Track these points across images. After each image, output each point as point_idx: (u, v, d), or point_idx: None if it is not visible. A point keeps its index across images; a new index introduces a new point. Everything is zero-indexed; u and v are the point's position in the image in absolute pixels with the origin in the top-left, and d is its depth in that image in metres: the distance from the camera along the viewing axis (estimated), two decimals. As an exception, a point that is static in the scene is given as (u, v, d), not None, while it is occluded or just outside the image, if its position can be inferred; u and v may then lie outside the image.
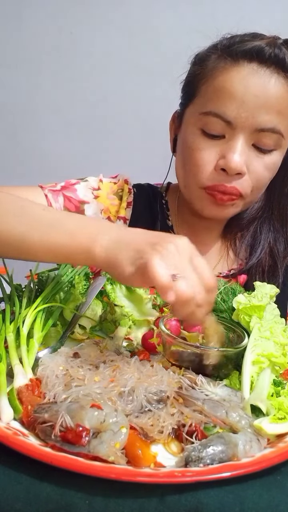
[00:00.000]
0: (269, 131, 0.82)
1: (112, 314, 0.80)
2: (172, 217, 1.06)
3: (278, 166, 0.90)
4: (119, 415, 0.51)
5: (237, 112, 0.81)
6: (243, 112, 0.80)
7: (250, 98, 0.80)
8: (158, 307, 0.82)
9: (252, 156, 0.85)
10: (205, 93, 0.85)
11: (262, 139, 0.83)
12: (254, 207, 1.02)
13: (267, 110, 0.80)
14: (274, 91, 0.80)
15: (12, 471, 0.46)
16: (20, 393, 0.56)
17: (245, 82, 0.80)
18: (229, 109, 0.81)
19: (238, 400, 0.59)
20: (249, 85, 0.80)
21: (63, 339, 0.73)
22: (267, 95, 0.80)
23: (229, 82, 0.81)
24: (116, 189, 1.03)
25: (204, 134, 0.85)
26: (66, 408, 0.50)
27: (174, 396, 0.56)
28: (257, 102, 0.80)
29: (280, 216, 1.02)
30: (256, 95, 0.80)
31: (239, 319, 0.73)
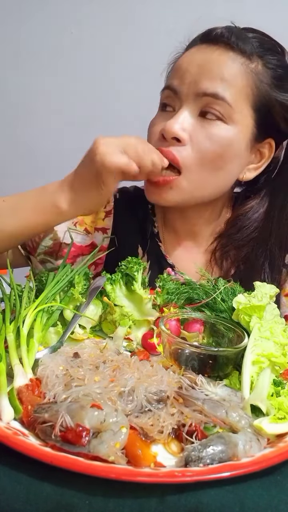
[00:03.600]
0: (212, 96, 0.81)
1: (112, 314, 0.80)
2: (159, 223, 1.04)
3: (230, 143, 0.84)
4: (119, 415, 0.51)
5: (181, 80, 0.85)
6: (186, 78, 0.84)
7: (193, 67, 0.84)
8: (158, 307, 0.82)
9: (197, 125, 0.83)
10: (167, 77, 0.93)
11: (207, 106, 0.82)
12: (249, 228, 0.97)
13: (209, 76, 0.82)
14: (217, 59, 0.83)
15: (12, 471, 0.46)
16: (20, 393, 0.56)
17: (190, 56, 0.86)
18: (176, 79, 0.86)
19: (238, 400, 0.59)
20: (194, 57, 0.85)
21: (63, 339, 0.73)
22: (209, 62, 0.83)
23: (180, 60, 0.89)
24: None
25: (161, 109, 0.90)
26: (66, 408, 0.50)
27: (174, 396, 0.56)
28: (199, 70, 0.83)
29: (278, 242, 0.96)
30: (199, 64, 0.84)
31: (239, 319, 0.73)
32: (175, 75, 0.87)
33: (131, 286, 0.80)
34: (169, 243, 1.03)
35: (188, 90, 0.83)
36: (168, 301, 0.83)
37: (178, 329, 0.76)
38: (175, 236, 1.03)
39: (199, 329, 0.75)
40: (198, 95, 0.82)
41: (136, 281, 0.80)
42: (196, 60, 0.84)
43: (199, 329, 0.75)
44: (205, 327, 0.75)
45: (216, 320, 0.75)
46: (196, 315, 0.76)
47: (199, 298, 0.82)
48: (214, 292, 0.80)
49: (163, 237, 1.03)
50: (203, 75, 0.82)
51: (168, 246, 1.02)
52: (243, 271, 0.98)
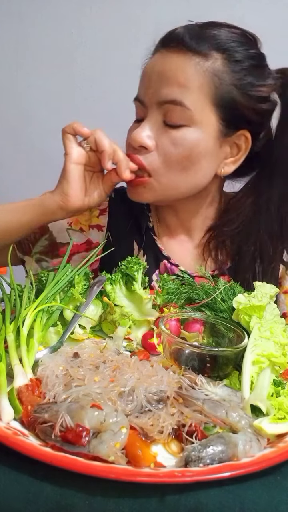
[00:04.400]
0: (171, 103, 0.83)
1: (112, 314, 0.80)
2: (153, 218, 1.06)
3: (194, 144, 0.85)
4: (119, 415, 0.51)
5: (145, 90, 0.88)
6: (149, 88, 0.87)
7: (154, 76, 0.86)
8: (158, 307, 0.82)
9: (162, 132, 0.86)
10: None
11: (168, 113, 0.84)
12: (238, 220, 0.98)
13: (168, 83, 0.84)
14: (174, 65, 0.84)
15: (12, 471, 0.46)
16: (20, 393, 0.56)
17: (152, 63, 0.88)
18: (141, 90, 0.90)
19: (238, 400, 0.59)
20: (155, 65, 0.87)
21: (63, 339, 0.73)
22: (166, 70, 0.84)
23: (144, 69, 0.90)
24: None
25: (134, 121, 0.93)
26: (66, 408, 0.50)
27: (174, 396, 0.56)
28: (159, 78, 0.85)
29: (268, 232, 0.97)
30: (158, 71, 0.85)
31: (239, 319, 0.73)
32: (141, 85, 0.90)
33: (131, 286, 0.80)
34: (164, 237, 1.05)
35: (150, 100, 0.86)
36: (168, 301, 0.83)
37: (178, 329, 0.76)
38: (169, 230, 1.05)
39: (199, 329, 0.75)
40: (160, 103, 0.85)
41: (136, 281, 0.80)
42: (156, 67, 0.87)
43: (199, 329, 0.75)
44: (205, 327, 0.75)
45: (216, 320, 0.75)
46: (196, 315, 0.76)
47: (199, 298, 0.82)
48: (214, 292, 0.80)
49: (158, 232, 1.05)
50: (162, 83, 0.84)
51: (163, 239, 1.05)
52: (237, 262, 1.00)
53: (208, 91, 0.84)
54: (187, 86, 0.83)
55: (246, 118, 0.88)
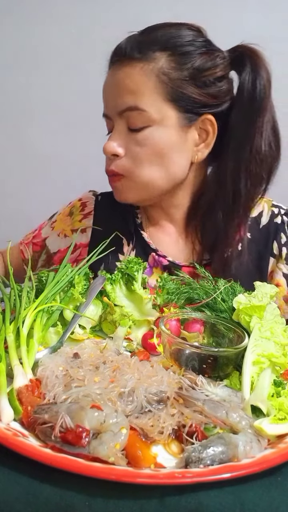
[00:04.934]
0: (127, 110, 0.90)
1: (112, 314, 0.80)
2: (141, 215, 1.12)
3: (159, 141, 0.91)
4: (119, 416, 0.51)
5: (106, 105, 0.96)
6: (107, 103, 0.95)
7: (108, 91, 0.94)
8: (158, 307, 0.82)
9: (128, 138, 0.93)
10: None
11: (129, 120, 0.91)
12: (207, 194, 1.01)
13: (119, 94, 0.90)
14: (121, 76, 0.90)
15: (12, 472, 0.46)
16: (20, 394, 0.55)
17: (107, 81, 0.95)
18: (104, 106, 0.97)
19: (239, 400, 0.59)
20: (107, 81, 0.95)
21: (63, 339, 0.73)
22: (117, 82, 0.91)
23: (103, 86, 0.97)
24: (68, 211, 1.16)
25: (107, 134, 0.99)
26: (66, 409, 0.50)
27: (174, 396, 0.56)
28: (112, 91, 0.92)
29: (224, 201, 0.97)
30: (110, 86, 0.93)
31: (239, 319, 0.73)
32: (103, 101, 0.97)
33: (131, 286, 0.80)
34: (152, 231, 1.11)
35: (112, 112, 0.93)
36: (168, 301, 0.83)
37: (178, 329, 0.75)
38: (156, 225, 1.10)
39: (199, 329, 0.75)
40: (119, 113, 0.92)
41: (136, 281, 0.80)
42: (109, 83, 0.94)
43: (199, 329, 0.75)
44: (205, 327, 0.75)
45: (216, 320, 0.75)
46: (196, 315, 0.76)
47: (199, 298, 0.82)
48: (214, 292, 0.80)
49: (146, 227, 1.11)
50: (116, 94, 0.91)
51: (151, 234, 1.10)
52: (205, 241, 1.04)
53: (159, 90, 0.89)
54: (138, 91, 0.89)
55: (203, 103, 0.91)
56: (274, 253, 1.04)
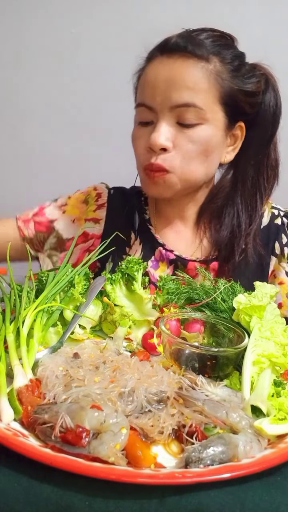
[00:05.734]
0: (184, 106, 0.90)
1: (112, 314, 0.80)
2: (150, 211, 1.14)
3: (209, 139, 0.94)
4: (119, 416, 0.51)
5: (153, 97, 0.93)
6: (157, 95, 0.92)
7: (160, 83, 0.92)
8: (158, 307, 0.82)
9: (177, 132, 0.93)
10: (138, 90, 1.01)
11: (182, 115, 0.91)
12: (220, 196, 1.06)
13: (176, 88, 0.90)
14: (179, 71, 0.90)
15: (12, 472, 0.46)
16: (20, 394, 0.55)
17: (155, 71, 0.93)
18: (148, 97, 0.94)
19: (239, 400, 0.59)
20: (159, 73, 0.92)
21: (63, 339, 0.73)
22: (173, 76, 0.90)
23: (146, 75, 0.96)
24: (83, 198, 1.16)
25: (139, 124, 0.98)
26: (66, 409, 0.50)
27: (174, 396, 0.56)
28: (167, 84, 0.91)
29: (244, 201, 1.05)
30: (165, 79, 0.91)
31: (239, 319, 0.73)
32: (146, 92, 0.95)
33: (131, 286, 0.80)
34: (160, 227, 1.13)
35: (161, 106, 0.92)
36: (168, 301, 0.83)
37: (178, 329, 0.75)
38: (165, 221, 1.13)
39: (199, 329, 0.75)
40: (172, 108, 0.91)
41: (136, 281, 0.80)
42: (160, 74, 0.92)
43: (199, 329, 0.75)
44: (205, 327, 0.75)
45: (216, 320, 0.75)
46: (196, 315, 0.76)
47: (199, 298, 0.82)
48: (214, 292, 0.80)
49: (154, 223, 1.13)
50: (171, 89, 0.90)
51: (159, 229, 1.12)
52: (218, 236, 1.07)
53: (214, 91, 0.92)
54: (195, 88, 0.90)
55: (243, 110, 0.97)
56: (276, 252, 1.08)
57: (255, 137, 1.01)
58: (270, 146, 1.03)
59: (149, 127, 0.95)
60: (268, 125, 1.01)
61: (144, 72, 0.97)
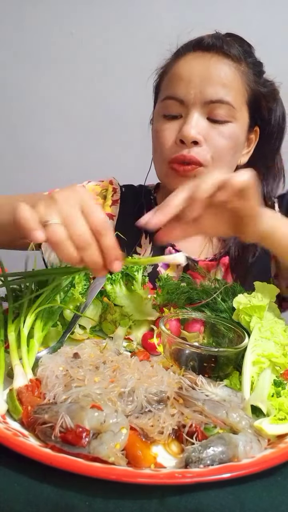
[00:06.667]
0: (218, 102, 0.92)
1: (112, 314, 0.80)
2: None
3: (237, 137, 0.96)
4: (119, 416, 0.50)
5: (186, 90, 0.93)
6: (191, 89, 0.93)
7: (195, 77, 0.93)
8: (158, 307, 0.82)
9: (208, 127, 0.94)
10: (163, 85, 1.01)
11: (214, 111, 0.93)
12: None
13: (212, 84, 0.92)
14: (215, 68, 0.93)
15: (12, 472, 0.46)
16: (20, 394, 0.55)
17: (190, 65, 0.95)
18: (180, 90, 0.94)
19: (239, 400, 0.59)
20: (194, 67, 0.94)
21: (63, 339, 0.73)
22: (210, 72, 0.93)
23: (178, 69, 0.96)
24: (99, 190, 1.16)
25: (165, 117, 0.98)
26: (66, 409, 0.50)
27: (174, 396, 0.56)
28: (202, 79, 0.92)
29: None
30: (200, 74, 0.93)
31: (239, 319, 0.73)
32: (177, 85, 0.95)
33: (131, 286, 0.80)
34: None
35: (195, 99, 0.93)
36: (168, 301, 0.83)
37: (178, 329, 0.75)
38: None
39: (199, 329, 0.75)
40: (206, 102, 0.92)
41: (136, 281, 0.80)
42: (196, 69, 0.93)
43: (199, 329, 0.75)
44: (205, 327, 0.75)
45: (216, 320, 0.75)
46: (196, 315, 0.76)
47: (199, 298, 0.82)
48: (215, 292, 0.80)
49: None
50: (206, 84, 0.92)
51: None
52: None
53: (244, 92, 0.95)
54: (230, 86, 0.93)
55: (262, 115, 1.00)
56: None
57: (265, 144, 1.05)
58: (278, 155, 1.07)
59: (177, 120, 0.96)
60: (277, 135, 1.05)
61: (175, 66, 0.98)
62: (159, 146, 0.99)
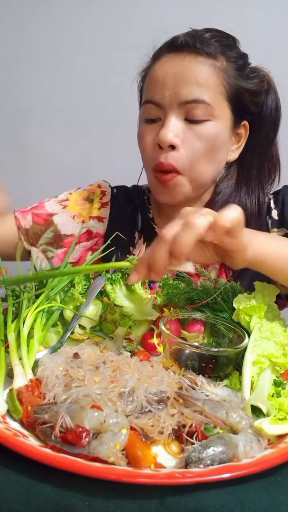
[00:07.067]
0: (194, 102, 0.90)
1: (112, 314, 0.80)
2: (153, 210, 1.13)
3: (217, 136, 0.94)
4: (119, 416, 0.51)
5: (162, 93, 0.92)
6: (166, 91, 0.91)
7: (169, 79, 0.91)
8: (158, 307, 0.82)
9: (185, 129, 0.92)
10: (144, 89, 1.00)
11: (191, 111, 0.91)
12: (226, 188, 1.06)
13: (186, 84, 0.90)
14: (188, 68, 0.91)
15: (12, 472, 0.46)
16: (20, 394, 0.55)
17: (164, 68, 0.93)
18: (156, 93, 0.93)
19: (239, 400, 0.59)
20: (168, 69, 0.92)
21: (63, 339, 0.73)
22: (183, 72, 0.90)
23: (154, 72, 0.95)
24: (86, 195, 1.15)
25: (146, 121, 0.97)
26: (66, 409, 0.50)
27: (174, 396, 0.56)
28: (176, 80, 0.91)
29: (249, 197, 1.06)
30: (173, 75, 0.91)
31: (239, 319, 0.73)
32: (154, 89, 0.94)
33: (131, 286, 0.80)
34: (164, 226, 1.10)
35: (170, 102, 0.91)
36: (168, 301, 0.83)
37: (178, 329, 0.75)
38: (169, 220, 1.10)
39: (199, 329, 0.75)
40: (181, 104, 0.90)
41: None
42: (170, 71, 0.92)
43: (199, 329, 0.75)
44: (205, 327, 0.75)
45: (216, 320, 0.75)
46: (196, 315, 0.76)
47: (199, 298, 0.82)
48: (215, 292, 0.80)
49: (158, 222, 1.13)
50: (181, 85, 0.90)
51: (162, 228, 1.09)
52: None
53: (222, 89, 0.93)
54: (205, 85, 0.90)
55: (248, 109, 0.98)
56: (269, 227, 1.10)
57: (258, 137, 1.03)
58: (272, 146, 1.05)
59: (156, 124, 0.95)
60: (270, 126, 1.02)
61: (151, 70, 0.97)
62: (142, 151, 0.98)
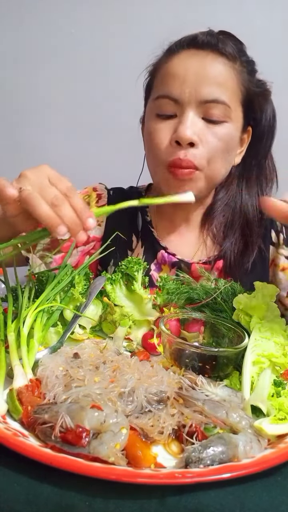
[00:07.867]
0: (213, 101, 0.90)
1: (112, 314, 0.80)
2: (151, 213, 1.14)
3: (232, 138, 0.95)
4: (119, 416, 0.50)
5: (181, 89, 0.90)
6: (186, 88, 0.90)
7: (190, 76, 0.90)
8: (158, 307, 0.82)
9: (203, 127, 0.92)
10: (156, 83, 0.98)
11: (210, 111, 0.91)
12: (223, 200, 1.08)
13: (207, 83, 0.90)
14: (211, 67, 0.90)
15: (12, 472, 0.46)
16: (20, 394, 0.55)
17: (184, 63, 0.91)
18: (174, 88, 0.91)
19: (239, 400, 0.59)
20: (188, 65, 0.91)
21: (63, 339, 0.73)
22: (205, 71, 0.90)
23: (172, 67, 0.93)
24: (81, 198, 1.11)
25: (159, 116, 0.95)
26: (66, 409, 0.50)
27: (174, 396, 0.56)
28: (197, 78, 0.90)
29: (250, 200, 1.07)
30: (195, 72, 0.90)
31: (239, 319, 0.73)
32: (172, 84, 0.92)
33: (131, 286, 0.80)
34: (163, 230, 1.12)
35: (190, 98, 0.90)
36: (168, 301, 0.83)
37: (178, 329, 0.75)
38: (170, 224, 1.12)
39: (199, 329, 0.75)
40: (200, 102, 0.90)
41: (136, 281, 0.80)
42: (191, 67, 0.90)
43: (199, 329, 0.75)
44: (205, 327, 0.75)
45: (216, 320, 0.75)
46: (196, 315, 0.76)
47: (199, 298, 0.82)
48: (215, 292, 0.80)
49: (156, 225, 1.12)
50: (202, 83, 0.89)
51: (161, 232, 1.12)
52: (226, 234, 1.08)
53: (239, 92, 0.94)
54: (225, 86, 0.91)
55: (255, 115, 0.99)
56: (273, 241, 1.10)
57: (257, 144, 1.04)
58: (270, 152, 1.07)
59: (171, 120, 0.93)
60: (269, 134, 1.04)
61: (167, 64, 0.94)
62: (153, 147, 0.96)
